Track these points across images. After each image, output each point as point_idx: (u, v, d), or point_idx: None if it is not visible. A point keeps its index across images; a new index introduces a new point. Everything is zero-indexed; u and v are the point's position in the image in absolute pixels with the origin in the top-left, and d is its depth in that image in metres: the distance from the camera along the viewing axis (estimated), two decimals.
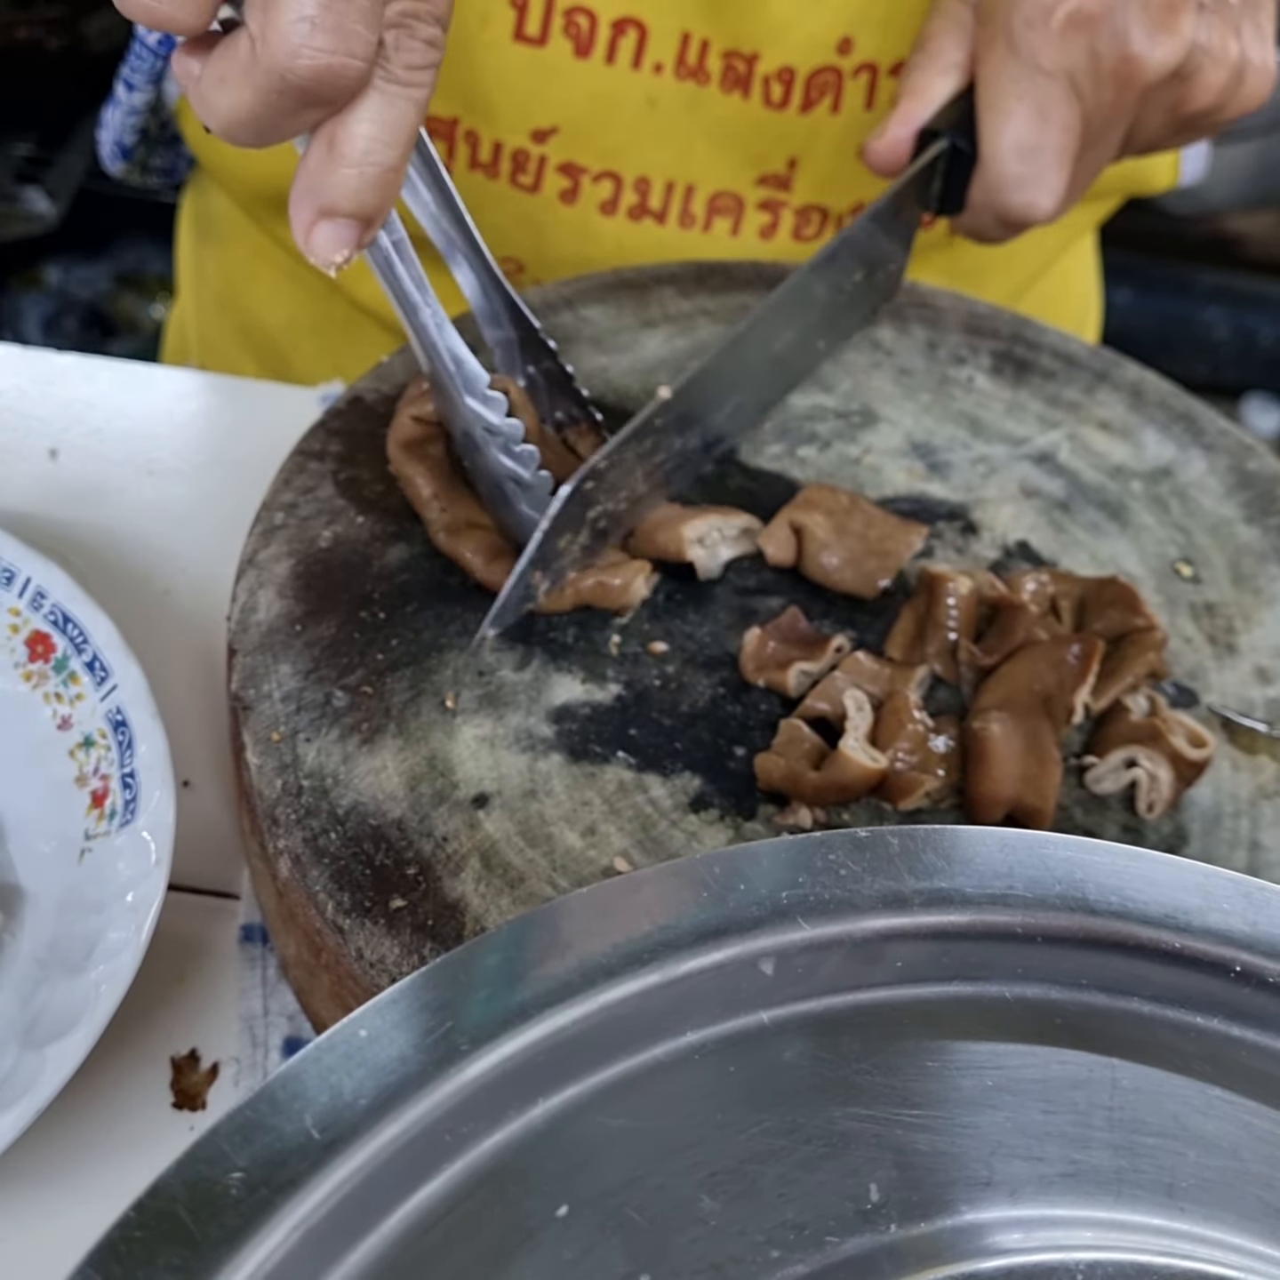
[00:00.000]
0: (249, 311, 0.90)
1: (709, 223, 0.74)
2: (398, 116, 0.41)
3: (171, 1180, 0.27)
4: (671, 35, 0.69)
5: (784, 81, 0.70)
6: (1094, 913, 0.34)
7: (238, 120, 0.40)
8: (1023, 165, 0.57)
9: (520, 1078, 0.30)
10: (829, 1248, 0.30)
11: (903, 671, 0.52)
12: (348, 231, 0.42)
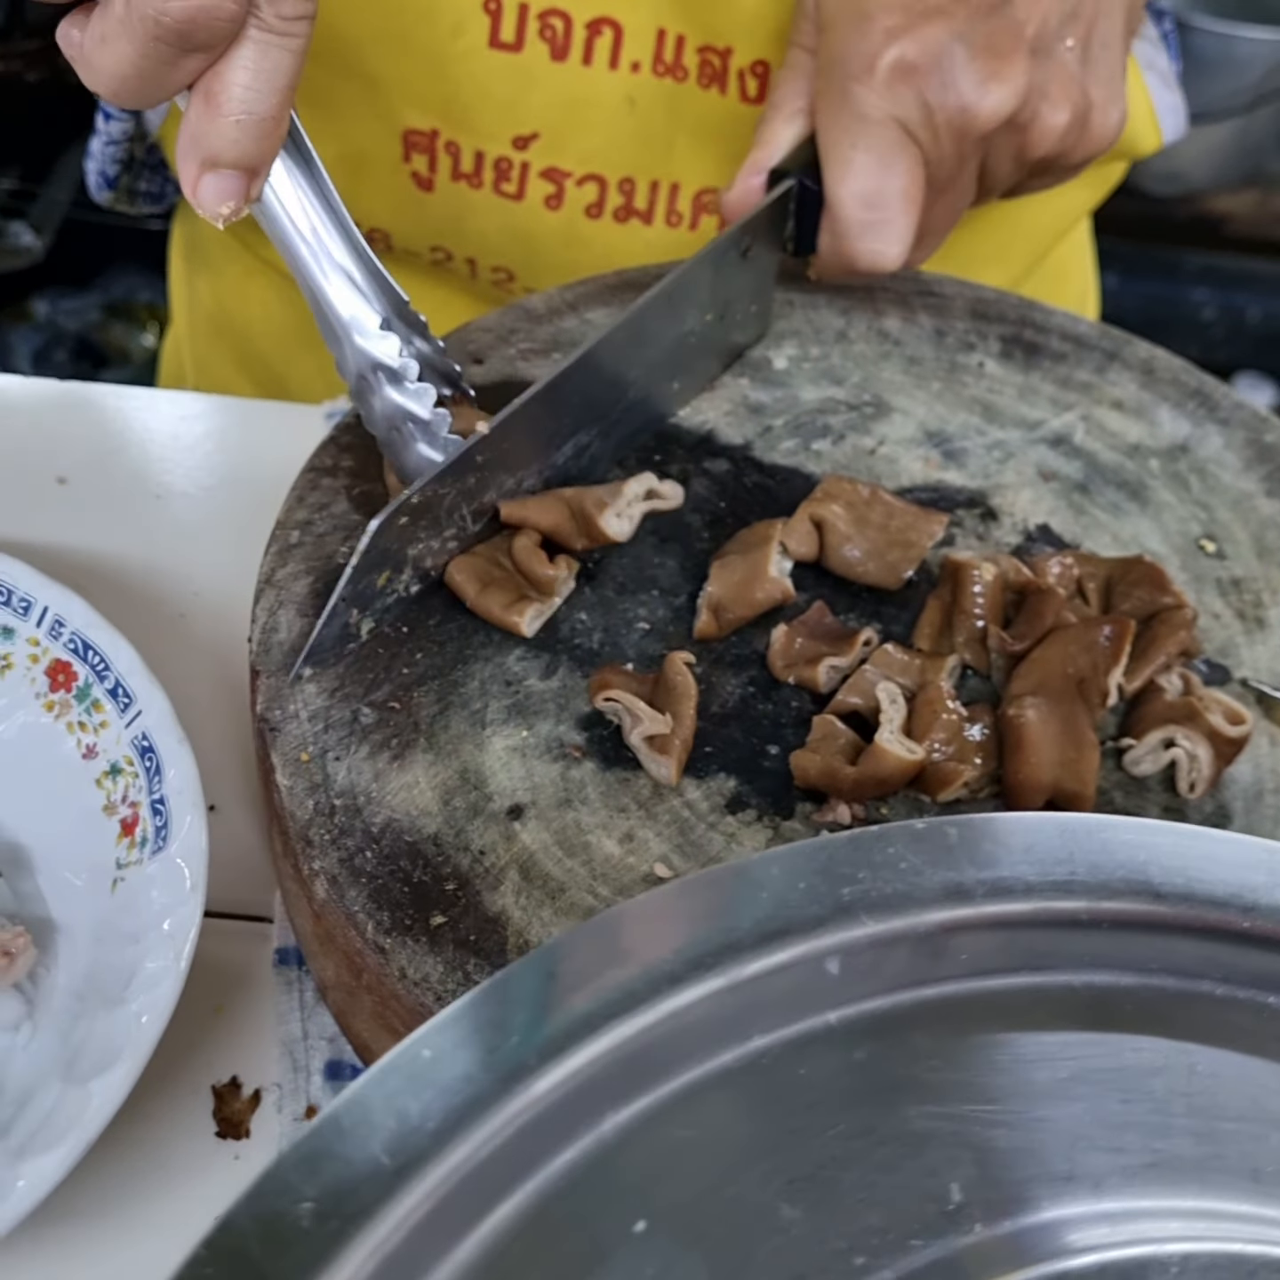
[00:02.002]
0: (242, 334, 0.90)
1: (695, 221, 0.74)
2: (273, 65, 0.42)
3: (240, 1214, 0.27)
4: (647, 33, 0.68)
5: (758, 76, 0.69)
6: (1159, 895, 0.33)
7: (121, 76, 0.41)
8: (867, 212, 0.56)
9: (589, 1092, 0.29)
10: (914, 1251, 0.29)
11: (933, 662, 0.52)
12: (232, 182, 0.43)
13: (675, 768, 0.48)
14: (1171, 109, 0.84)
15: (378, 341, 0.51)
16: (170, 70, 0.41)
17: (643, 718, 0.49)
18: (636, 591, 0.54)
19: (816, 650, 0.52)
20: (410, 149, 0.73)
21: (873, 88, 0.55)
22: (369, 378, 0.51)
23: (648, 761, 0.49)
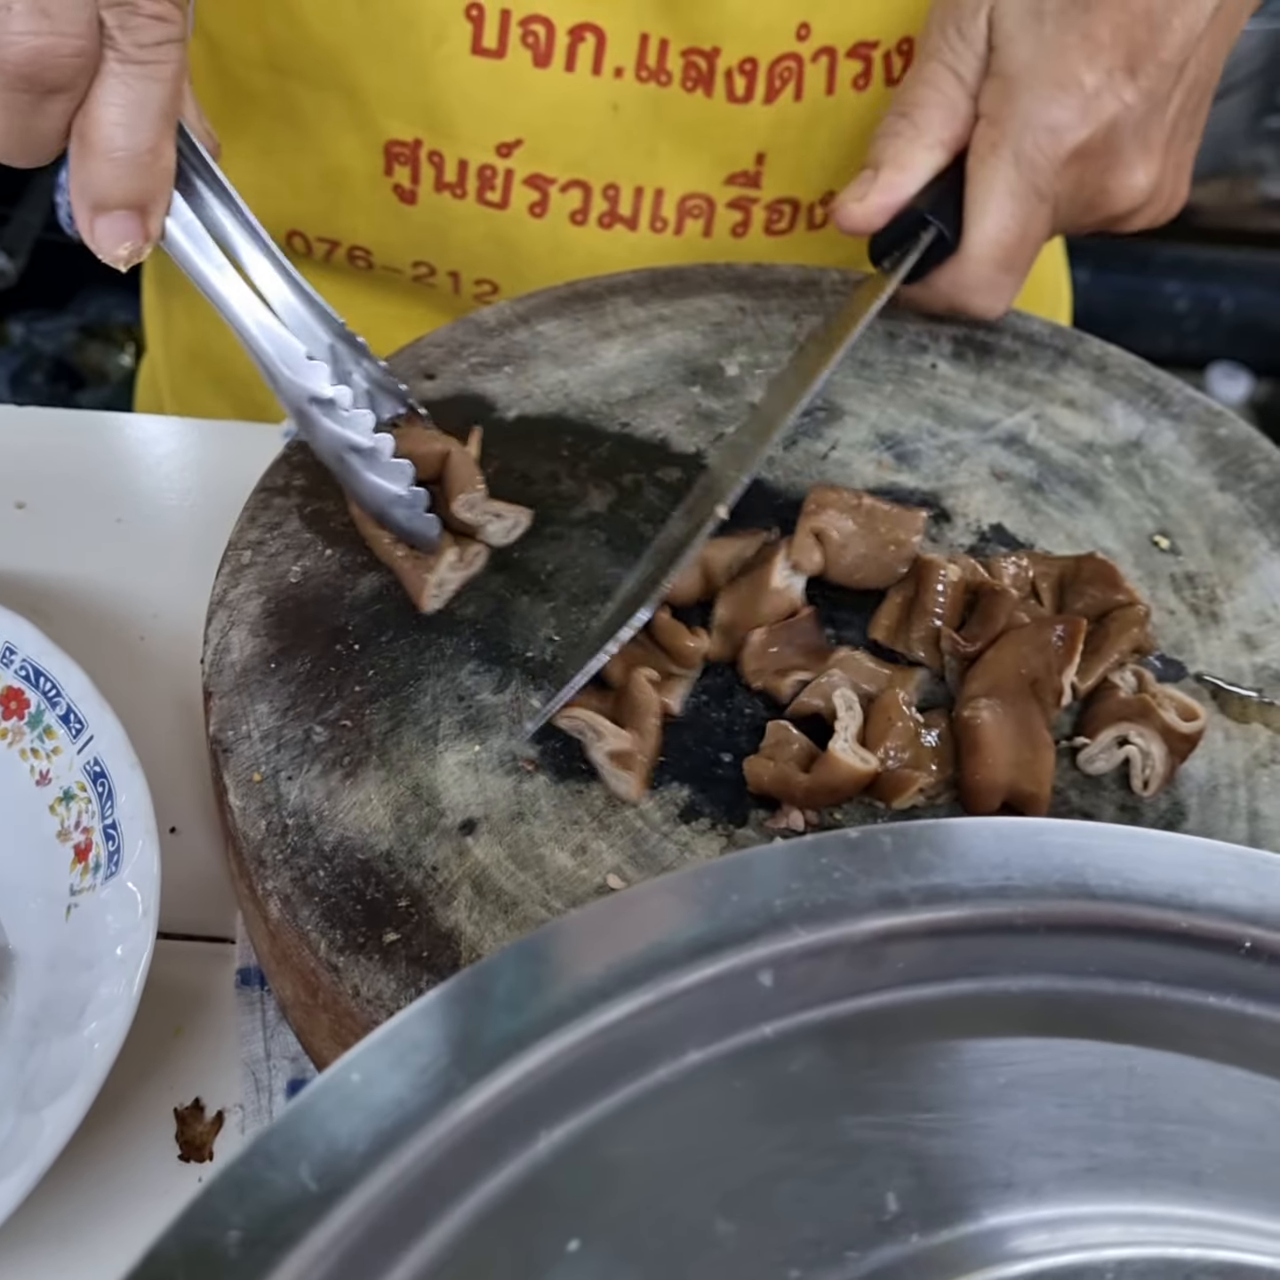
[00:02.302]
0: (221, 360, 0.89)
1: (680, 226, 0.74)
2: (140, 97, 0.41)
3: (168, 1244, 0.27)
4: (630, 38, 0.68)
5: (746, 74, 0.69)
6: (1095, 898, 0.33)
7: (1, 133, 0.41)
8: (998, 274, 0.59)
9: (520, 1111, 0.29)
10: (850, 1263, 0.29)
11: (901, 674, 0.52)
12: (125, 223, 0.43)
13: (638, 783, 0.48)
14: None
15: (308, 373, 0.50)
16: (36, 117, 0.40)
17: (605, 734, 0.48)
18: (589, 602, 0.54)
19: (789, 662, 0.52)
20: (392, 161, 0.73)
21: (1053, 165, 0.58)
22: (305, 411, 0.50)
23: (611, 778, 0.49)
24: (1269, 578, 0.56)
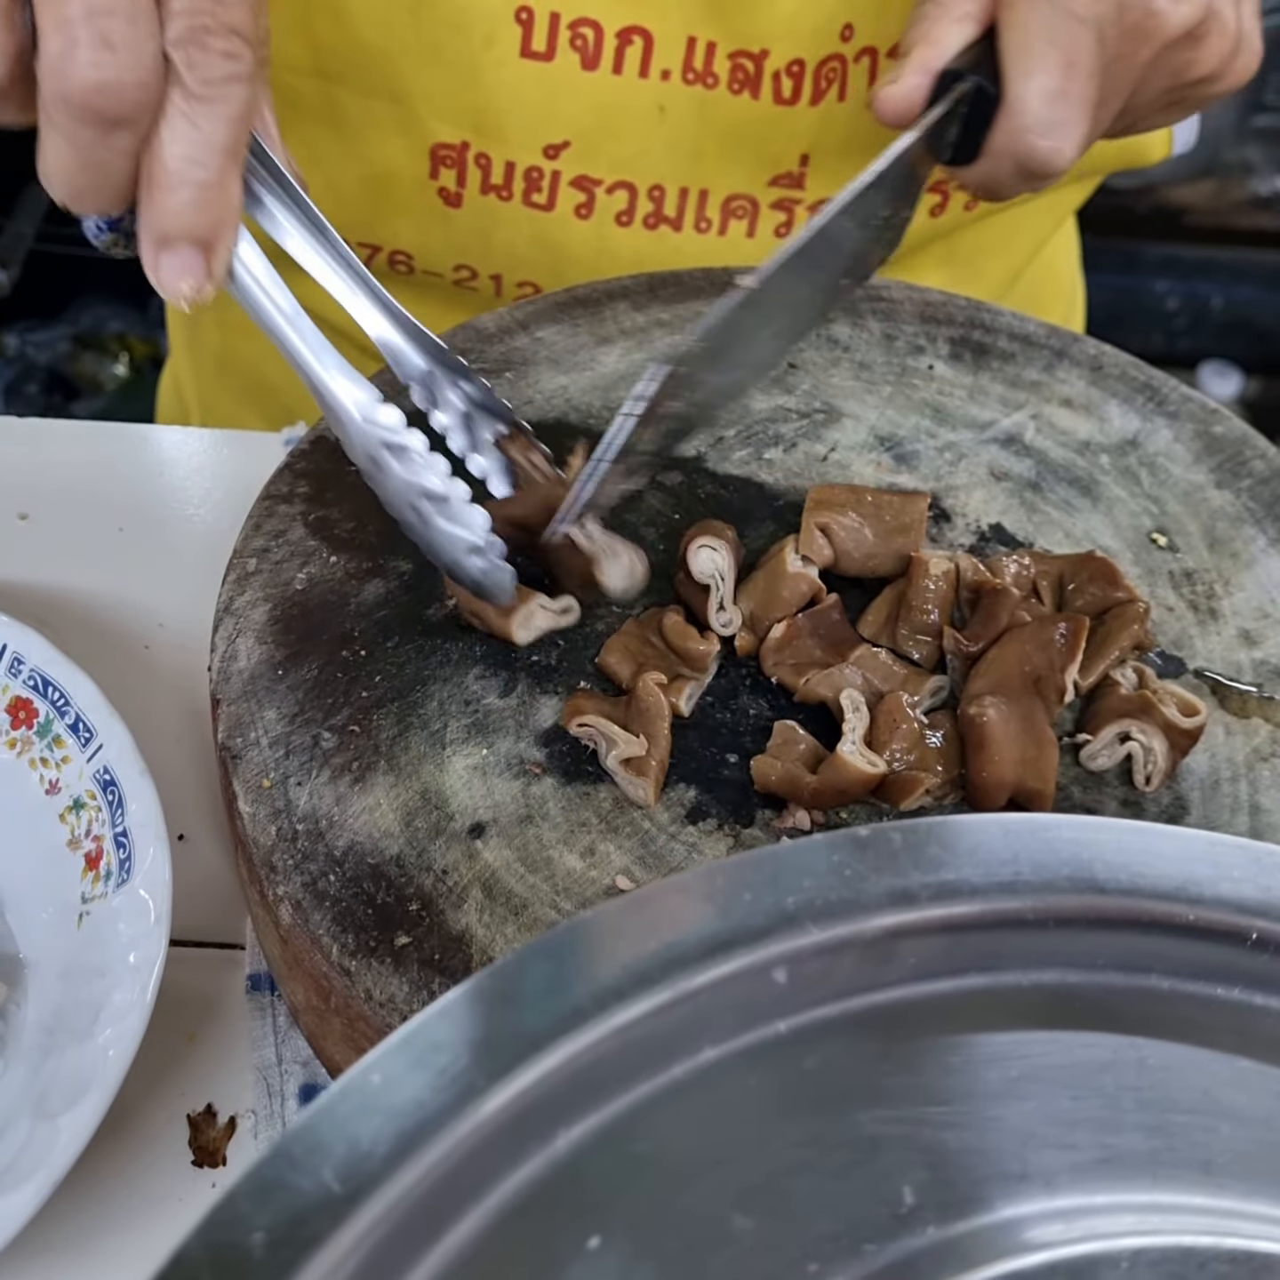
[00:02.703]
0: (251, 368, 0.89)
1: (724, 227, 0.74)
2: (207, 133, 0.41)
3: (193, 1246, 0.27)
4: (677, 41, 0.69)
5: (794, 76, 0.70)
6: (1103, 891, 0.33)
7: (67, 172, 0.41)
8: (1052, 110, 0.55)
9: (539, 1110, 0.29)
10: (867, 1256, 0.29)
11: (916, 677, 0.52)
12: (188, 258, 0.42)
13: (653, 788, 0.49)
14: (1188, 121, 0.83)
15: (380, 418, 0.48)
16: (102, 152, 0.40)
17: (618, 741, 0.49)
18: (593, 606, 0.54)
19: (810, 655, 0.52)
20: (438, 164, 0.73)
21: None
22: (377, 457, 0.48)
23: (626, 784, 0.49)
24: (1266, 574, 0.57)
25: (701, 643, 0.52)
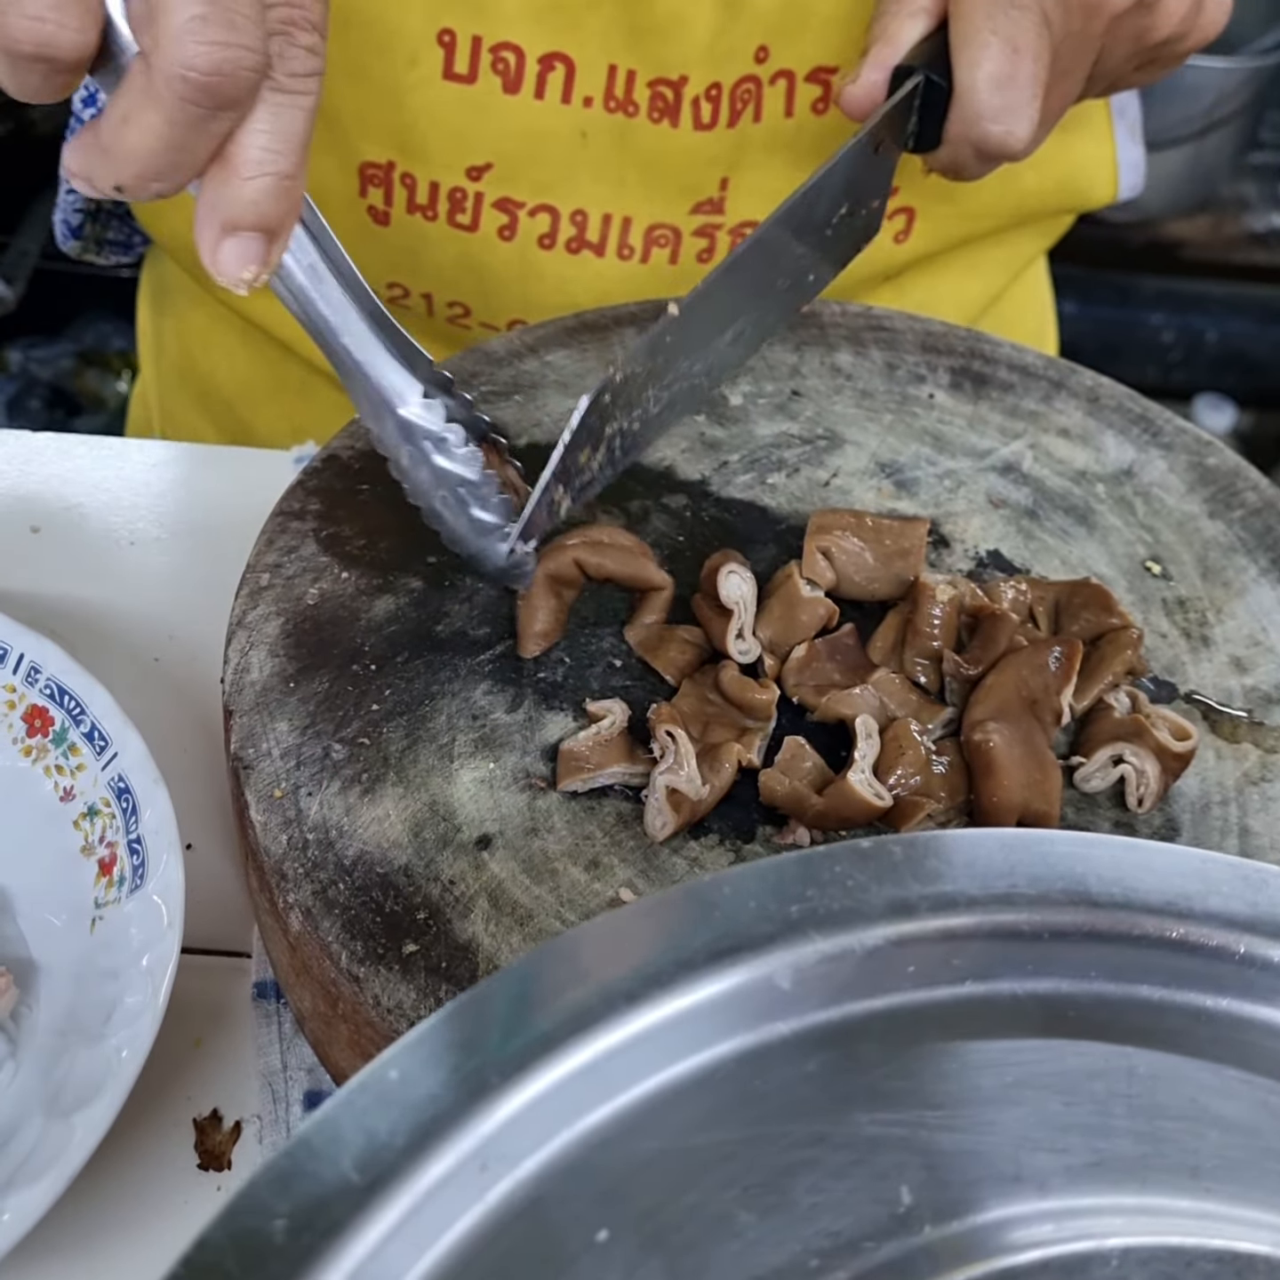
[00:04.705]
0: (207, 379, 0.91)
1: (647, 254, 0.75)
2: (288, 124, 0.42)
3: (216, 1233, 0.28)
4: (598, 68, 0.70)
5: (712, 100, 0.71)
6: (1097, 905, 0.35)
7: (150, 152, 0.40)
8: (999, 96, 0.57)
9: (550, 1106, 0.30)
10: (866, 1253, 0.30)
11: (929, 708, 0.53)
12: (253, 245, 0.43)
13: (672, 829, 0.49)
14: (1132, 165, 0.85)
15: (423, 410, 0.50)
16: (199, 136, 0.40)
17: (683, 770, 0.49)
18: (599, 625, 0.55)
19: (829, 678, 0.53)
20: (366, 183, 0.74)
21: None
22: (417, 448, 0.51)
23: (653, 808, 0.49)
24: (1257, 602, 0.58)
25: (761, 692, 0.52)
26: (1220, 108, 1.89)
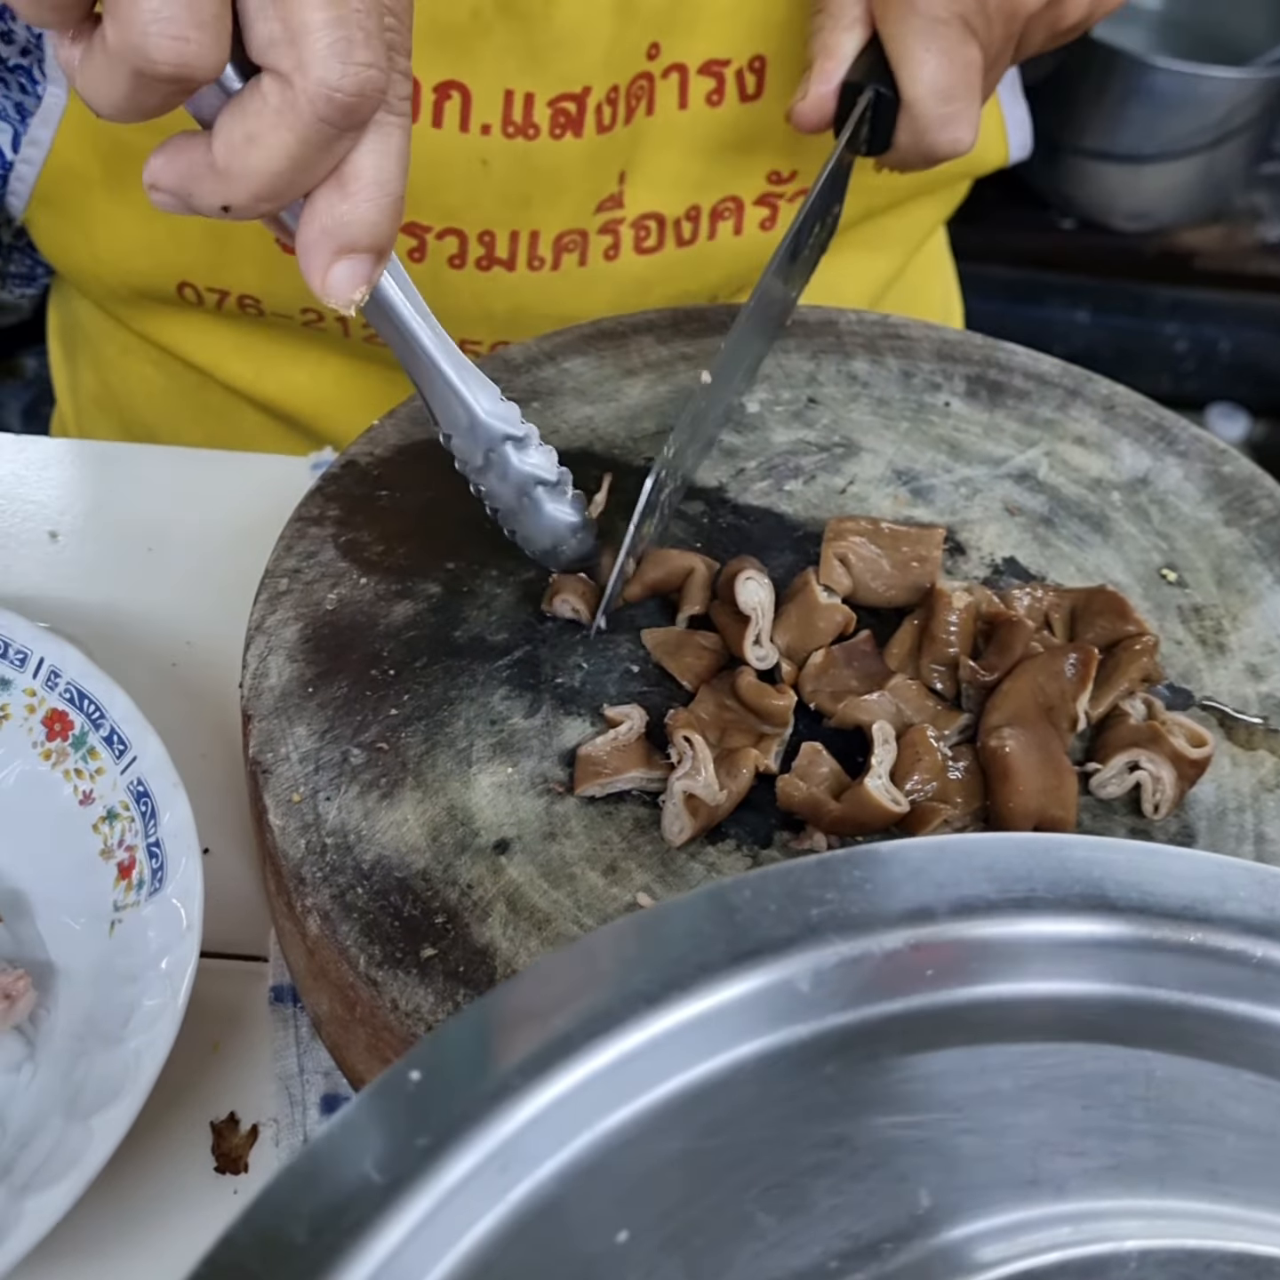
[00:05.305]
0: (128, 409, 0.91)
1: (558, 261, 0.76)
2: (397, 145, 0.43)
3: (240, 1232, 0.28)
4: (494, 95, 0.70)
5: (611, 103, 0.72)
6: (1115, 909, 0.35)
7: (275, 172, 0.41)
8: (944, 106, 0.62)
9: (571, 1108, 0.30)
10: (885, 1255, 0.30)
11: (946, 714, 0.53)
12: (364, 266, 0.43)
13: (689, 834, 0.49)
14: (1019, 123, 0.87)
15: (505, 410, 0.52)
16: (326, 155, 0.41)
17: (701, 776, 0.49)
18: (615, 631, 0.55)
19: (846, 684, 0.54)
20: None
21: None
22: (498, 451, 0.52)
23: (670, 813, 0.49)
24: (1273, 610, 0.58)
25: (779, 698, 0.52)
26: (1232, 118, 1.89)
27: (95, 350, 0.91)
